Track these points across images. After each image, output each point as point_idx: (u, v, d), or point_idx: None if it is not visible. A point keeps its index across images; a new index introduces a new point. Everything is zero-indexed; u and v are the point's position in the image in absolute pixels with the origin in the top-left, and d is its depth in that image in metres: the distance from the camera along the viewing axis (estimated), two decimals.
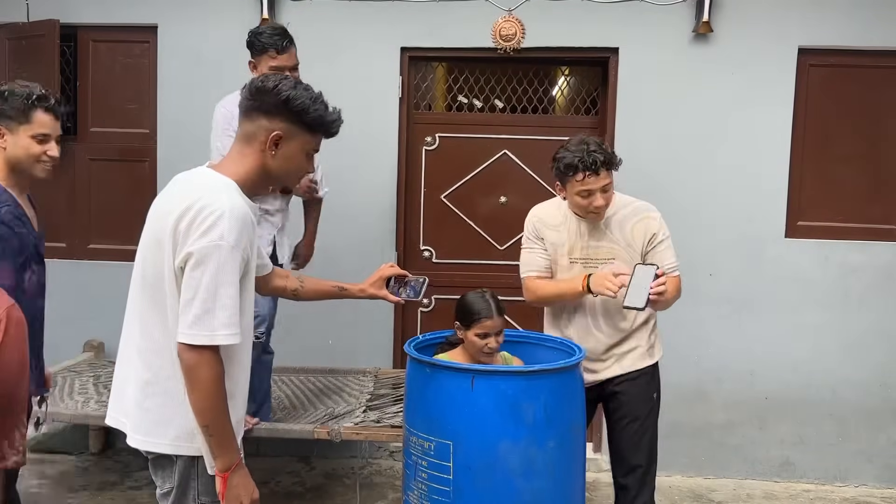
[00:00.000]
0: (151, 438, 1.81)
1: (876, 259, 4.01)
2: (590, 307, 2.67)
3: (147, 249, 1.79)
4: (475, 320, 2.48)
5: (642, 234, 2.63)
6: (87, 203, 4.37)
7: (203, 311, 1.64)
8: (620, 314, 2.65)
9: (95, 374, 3.86)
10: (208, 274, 1.65)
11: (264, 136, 1.78)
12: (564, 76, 4.45)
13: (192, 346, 1.65)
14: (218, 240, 1.65)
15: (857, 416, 4.06)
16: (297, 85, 1.79)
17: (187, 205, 1.69)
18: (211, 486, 1.82)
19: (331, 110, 1.83)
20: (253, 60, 3.11)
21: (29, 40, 4.21)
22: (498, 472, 2.21)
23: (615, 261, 2.62)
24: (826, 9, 3.94)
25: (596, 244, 2.65)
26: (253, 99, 1.79)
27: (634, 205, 2.70)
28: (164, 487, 1.86)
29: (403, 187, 4.21)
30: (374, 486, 3.93)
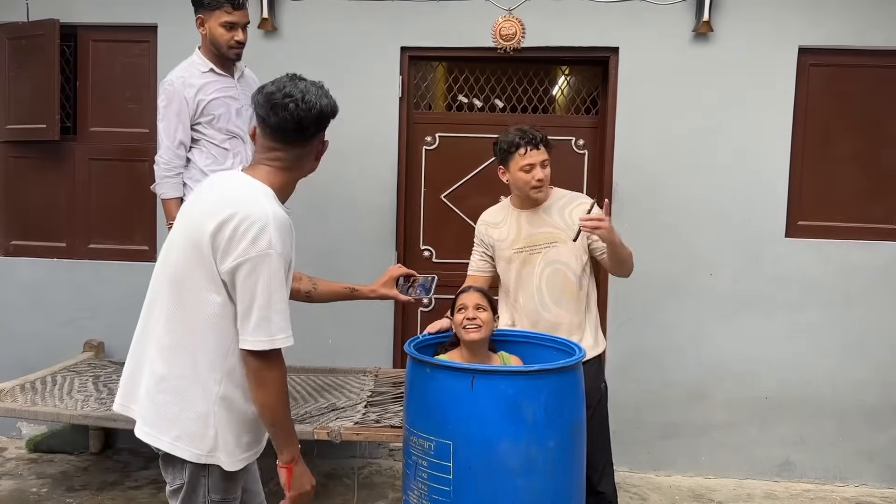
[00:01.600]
0: (154, 433, 1.83)
1: (876, 259, 4.01)
2: (537, 294, 2.79)
3: (180, 251, 1.82)
4: (455, 300, 2.58)
5: (581, 214, 2.67)
6: (86, 203, 4.37)
7: (261, 317, 1.72)
8: (567, 295, 2.77)
9: (95, 374, 3.85)
10: (262, 282, 1.72)
11: (315, 151, 1.90)
12: (565, 76, 4.45)
13: (256, 351, 1.74)
14: (267, 248, 1.71)
15: (857, 416, 4.05)
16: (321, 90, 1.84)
17: (230, 212, 1.73)
18: (220, 485, 1.84)
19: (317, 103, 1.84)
20: (201, 16, 3.01)
21: (29, 40, 4.21)
22: (498, 472, 2.21)
23: (556, 244, 2.77)
24: (826, 8, 3.94)
25: (536, 231, 2.81)
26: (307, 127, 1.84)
27: (570, 194, 2.91)
28: (174, 484, 1.87)
29: (403, 187, 4.20)
30: (374, 485, 3.93)
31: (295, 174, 1.90)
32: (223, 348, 1.79)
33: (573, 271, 2.78)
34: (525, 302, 2.81)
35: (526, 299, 2.81)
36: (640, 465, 4.16)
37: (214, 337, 1.78)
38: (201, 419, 1.80)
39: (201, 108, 3.07)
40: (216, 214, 1.74)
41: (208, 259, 1.74)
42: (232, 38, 3.02)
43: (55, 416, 3.32)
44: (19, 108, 4.29)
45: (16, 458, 4.18)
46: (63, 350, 4.18)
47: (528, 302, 2.80)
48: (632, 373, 4.08)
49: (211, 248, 1.74)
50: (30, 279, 4.35)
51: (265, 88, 1.82)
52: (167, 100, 3.09)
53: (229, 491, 1.88)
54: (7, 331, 4.35)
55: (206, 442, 1.80)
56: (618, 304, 4.10)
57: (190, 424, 1.79)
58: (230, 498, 1.88)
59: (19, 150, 4.39)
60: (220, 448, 1.81)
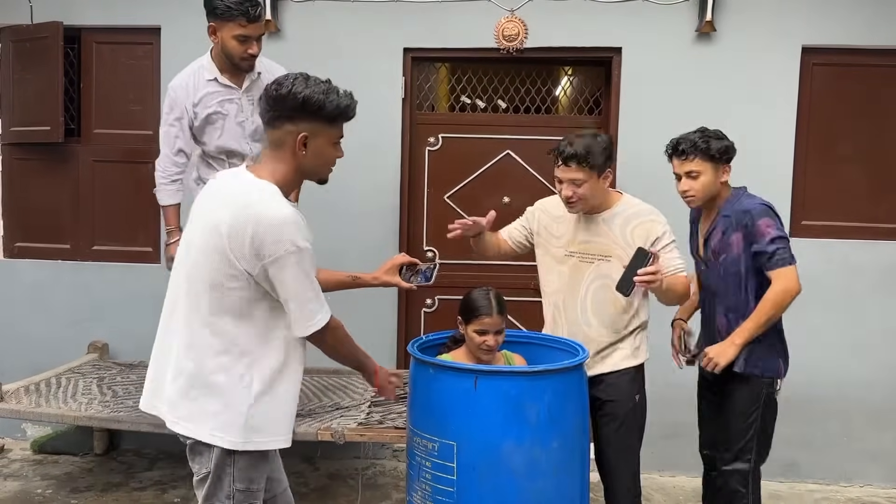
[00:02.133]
0: (192, 426, 1.91)
1: (881, 258, 4.00)
2: (581, 305, 2.68)
3: (199, 252, 1.90)
4: (475, 316, 2.51)
5: (644, 237, 2.61)
6: (90, 205, 4.38)
7: (299, 310, 1.90)
8: (611, 313, 2.66)
9: (99, 376, 3.86)
10: (290, 277, 1.85)
11: (292, 140, 1.88)
12: (567, 76, 4.45)
13: (307, 336, 1.95)
14: (290, 246, 1.83)
15: (862, 416, 4.04)
16: (307, 82, 1.88)
17: (244, 217, 1.82)
18: (245, 474, 1.92)
19: (342, 95, 1.93)
20: (213, 24, 2.88)
21: (33, 42, 4.23)
22: (501, 473, 2.21)
23: (611, 258, 2.63)
24: (829, 8, 3.93)
25: (592, 239, 2.66)
26: (273, 108, 1.88)
27: (639, 207, 2.72)
28: (201, 473, 1.94)
29: (407, 188, 4.21)
30: (377, 486, 3.93)
31: (287, 164, 1.92)
32: (252, 338, 1.89)
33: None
34: (567, 311, 2.71)
35: (568, 308, 2.70)
36: (644, 466, 4.09)
37: (242, 330, 1.88)
38: (238, 410, 1.88)
39: (199, 119, 3.05)
40: (230, 218, 1.83)
41: (228, 258, 1.83)
42: (245, 50, 2.90)
43: (60, 417, 3.33)
44: (23, 110, 4.31)
45: (21, 460, 4.19)
46: (67, 351, 4.19)
47: (570, 312, 2.70)
48: None
49: (230, 249, 1.83)
50: (34, 281, 4.36)
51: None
52: (169, 107, 3.07)
53: (254, 481, 1.94)
54: (12, 332, 4.36)
55: (244, 431, 1.88)
56: None
57: (227, 416, 1.88)
58: (254, 488, 1.95)
59: (23, 152, 4.40)
60: (256, 432, 1.90)
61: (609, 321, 2.67)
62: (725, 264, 2.73)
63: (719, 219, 2.76)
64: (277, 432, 1.96)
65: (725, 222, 2.73)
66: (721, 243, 2.73)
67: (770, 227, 2.65)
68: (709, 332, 2.88)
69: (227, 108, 3.07)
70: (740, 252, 2.70)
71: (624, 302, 2.63)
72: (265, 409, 1.91)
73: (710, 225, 2.80)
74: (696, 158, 2.70)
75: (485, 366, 2.43)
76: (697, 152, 2.69)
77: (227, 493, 1.90)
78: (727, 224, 2.72)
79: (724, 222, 2.74)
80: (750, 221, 2.66)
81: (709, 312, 2.87)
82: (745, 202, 2.73)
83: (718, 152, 2.71)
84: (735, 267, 2.72)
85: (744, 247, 2.69)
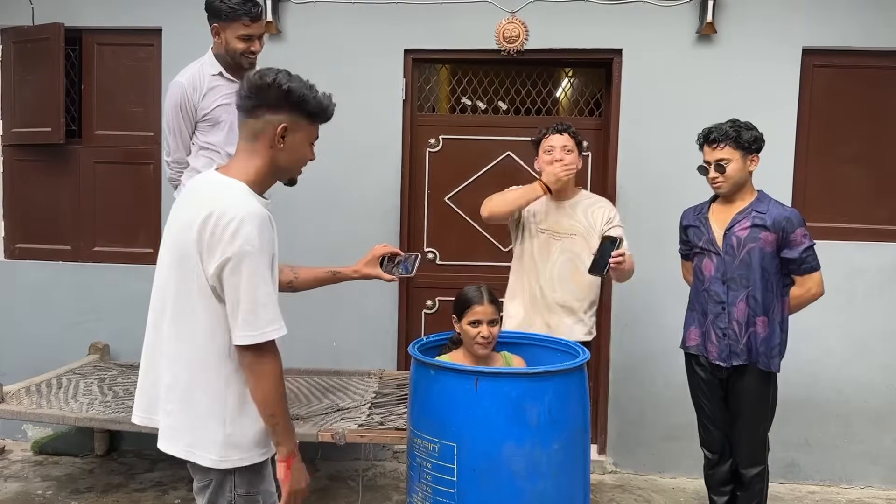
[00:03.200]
0: (168, 443, 1.87)
1: (881, 260, 4.00)
2: (549, 273, 3.11)
3: (172, 261, 1.85)
4: (467, 307, 2.56)
5: (601, 217, 3.13)
6: (91, 206, 4.38)
7: (247, 313, 1.74)
8: (574, 284, 3.09)
9: (100, 377, 3.86)
10: (244, 279, 1.73)
11: (271, 131, 1.83)
12: (568, 78, 4.45)
13: (247, 346, 1.76)
14: (244, 245, 1.72)
15: (862, 418, 4.04)
16: (291, 76, 1.83)
17: (206, 214, 1.75)
18: (246, 479, 1.88)
19: (324, 96, 1.89)
20: (217, 26, 2.95)
21: (34, 44, 4.23)
22: (502, 474, 2.21)
23: (575, 237, 3.11)
24: (830, 9, 3.93)
25: (561, 219, 3.14)
26: (254, 96, 1.82)
27: (596, 198, 3.27)
28: (203, 481, 1.91)
29: (407, 189, 4.21)
30: (378, 487, 3.93)
31: (262, 157, 1.85)
32: (223, 352, 1.81)
33: (585, 263, 2.97)
34: (540, 278, 3.12)
35: (541, 276, 3.13)
36: (645, 467, 4.16)
37: (213, 343, 1.80)
38: (211, 425, 1.82)
39: (204, 113, 3.06)
40: (195, 220, 1.76)
41: (197, 268, 1.77)
42: (248, 48, 2.99)
43: (60, 418, 3.34)
44: (24, 111, 4.31)
45: (21, 461, 4.19)
46: (68, 352, 4.19)
47: (542, 279, 3.12)
48: (636, 374, 4.08)
49: (198, 255, 1.77)
50: (35, 282, 4.36)
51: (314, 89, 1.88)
52: (177, 99, 3.07)
53: (254, 484, 1.91)
54: (12, 333, 4.36)
55: (217, 447, 1.82)
56: (622, 306, 4.09)
57: (200, 431, 1.82)
58: (253, 492, 1.91)
59: (24, 154, 4.40)
60: (235, 448, 1.83)
61: (575, 288, 3.11)
62: (752, 255, 2.86)
63: (749, 212, 2.90)
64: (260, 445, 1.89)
65: (757, 218, 2.88)
66: (749, 235, 2.87)
67: (805, 238, 2.86)
68: (718, 316, 2.93)
69: (233, 102, 3.10)
70: (771, 251, 2.85)
71: (586, 276, 2.97)
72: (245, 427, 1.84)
73: (736, 215, 2.92)
74: (727, 147, 2.88)
75: (485, 367, 2.43)
76: (728, 140, 2.88)
77: (228, 500, 1.88)
78: (759, 220, 2.87)
79: (754, 217, 2.88)
80: (790, 228, 2.84)
81: (723, 299, 2.91)
82: (781, 208, 2.90)
83: (748, 142, 2.88)
84: (765, 262, 2.86)
85: (774, 249, 2.86)
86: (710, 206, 3.07)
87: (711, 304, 2.94)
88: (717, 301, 2.92)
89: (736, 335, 2.88)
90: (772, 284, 2.87)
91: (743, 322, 2.87)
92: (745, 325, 2.87)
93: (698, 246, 3.01)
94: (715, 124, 2.95)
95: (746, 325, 2.87)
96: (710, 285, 2.94)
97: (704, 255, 2.98)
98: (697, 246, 3.02)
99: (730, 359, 2.90)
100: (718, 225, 2.97)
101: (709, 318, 2.95)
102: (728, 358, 2.91)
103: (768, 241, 2.85)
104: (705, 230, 3.00)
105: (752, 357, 2.89)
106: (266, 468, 1.97)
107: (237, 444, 1.84)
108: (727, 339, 2.90)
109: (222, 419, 1.82)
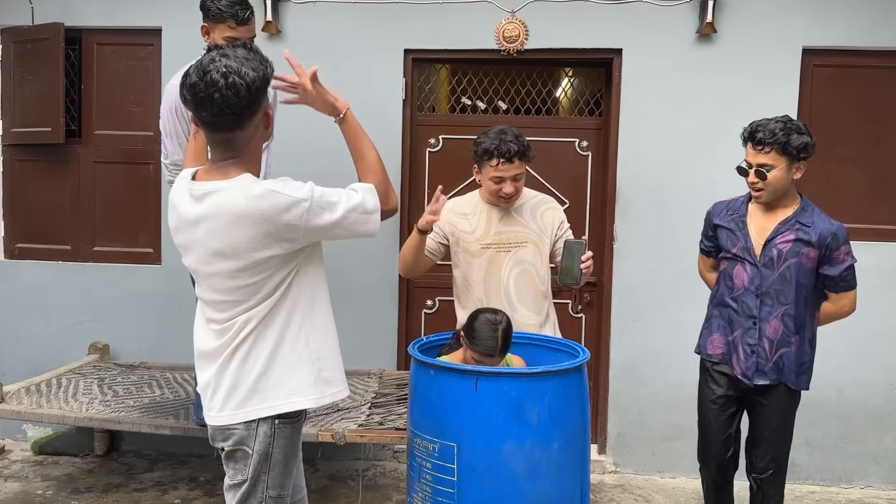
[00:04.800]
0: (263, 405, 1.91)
1: (881, 260, 4.00)
2: (504, 292, 2.81)
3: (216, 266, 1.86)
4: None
5: (551, 221, 2.86)
6: (91, 205, 4.38)
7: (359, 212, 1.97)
8: (533, 296, 2.82)
9: (100, 377, 3.86)
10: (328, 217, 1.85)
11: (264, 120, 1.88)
12: (568, 77, 4.45)
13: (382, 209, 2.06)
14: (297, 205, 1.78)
15: (862, 418, 4.04)
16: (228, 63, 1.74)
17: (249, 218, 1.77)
18: (279, 481, 1.94)
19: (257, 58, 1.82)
20: (206, 25, 2.96)
21: (34, 44, 4.23)
22: (502, 474, 2.21)
23: (527, 244, 2.81)
24: (830, 9, 3.93)
25: (507, 229, 2.83)
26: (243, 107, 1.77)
27: (540, 196, 2.95)
28: (235, 479, 1.94)
29: (407, 189, 4.21)
30: (378, 487, 3.93)
31: (257, 147, 1.91)
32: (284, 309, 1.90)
33: (538, 273, 2.81)
34: (491, 301, 2.79)
35: (492, 298, 2.80)
36: (645, 467, 4.16)
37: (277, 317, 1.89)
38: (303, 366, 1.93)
39: None
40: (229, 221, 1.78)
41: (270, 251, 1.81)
42: None
43: (60, 418, 3.34)
44: (24, 111, 4.31)
45: (21, 461, 4.19)
46: (68, 352, 4.20)
47: (494, 301, 2.79)
48: (636, 374, 4.08)
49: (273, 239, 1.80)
50: (35, 282, 4.36)
51: (188, 79, 1.75)
52: (172, 101, 3.07)
53: (285, 487, 1.97)
54: (12, 333, 4.36)
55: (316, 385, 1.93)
56: (622, 306, 4.09)
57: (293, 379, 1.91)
58: (284, 494, 1.97)
59: (24, 154, 4.40)
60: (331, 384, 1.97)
61: (532, 303, 2.83)
62: (791, 271, 2.67)
63: (793, 223, 2.69)
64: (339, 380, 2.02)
65: (801, 231, 2.67)
66: (791, 249, 2.66)
67: (848, 256, 2.68)
68: (747, 331, 2.74)
69: None
70: (813, 267, 2.69)
71: (540, 283, 2.82)
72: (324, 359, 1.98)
73: (779, 226, 2.70)
74: (773, 152, 2.60)
75: (485, 367, 2.43)
76: (775, 145, 2.59)
77: (259, 500, 1.91)
78: (804, 235, 2.66)
79: (799, 230, 2.68)
80: (835, 246, 2.65)
81: (755, 314, 2.72)
82: (827, 222, 2.68)
83: (797, 148, 2.59)
84: (804, 278, 2.68)
85: (814, 266, 2.68)
86: (747, 208, 2.81)
87: (742, 317, 2.74)
88: (748, 315, 2.72)
89: (766, 353, 2.69)
90: (807, 301, 2.71)
91: (775, 340, 2.68)
92: (776, 344, 2.68)
93: (731, 252, 2.77)
94: (763, 120, 2.65)
95: (779, 344, 2.68)
96: (742, 296, 2.74)
97: (738, 262, 2.75)
98: (730, 252, 2.78)
99: (755, 377, 2.71)
100: (758, 232, 2.72)
101: (737, 332, 2.75)
102: (754, 376, 2.71)
103: (810, 257, 2.65)
104: (741, 236, 2.75)
105: (781, 377, 2.71)
106: (296, 463, 2.04)
107: (330, 379, 1.96)
108: (755, 357, 2.71)
109: (310, 361, 1.93)
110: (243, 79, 1.72)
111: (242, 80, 1.72)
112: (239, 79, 1.71)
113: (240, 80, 1.71)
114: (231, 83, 1.71)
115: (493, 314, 2.50)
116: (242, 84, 1.72)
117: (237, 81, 1.71)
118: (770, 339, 2.69)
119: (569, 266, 2.59)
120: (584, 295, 4.21)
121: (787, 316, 2.68)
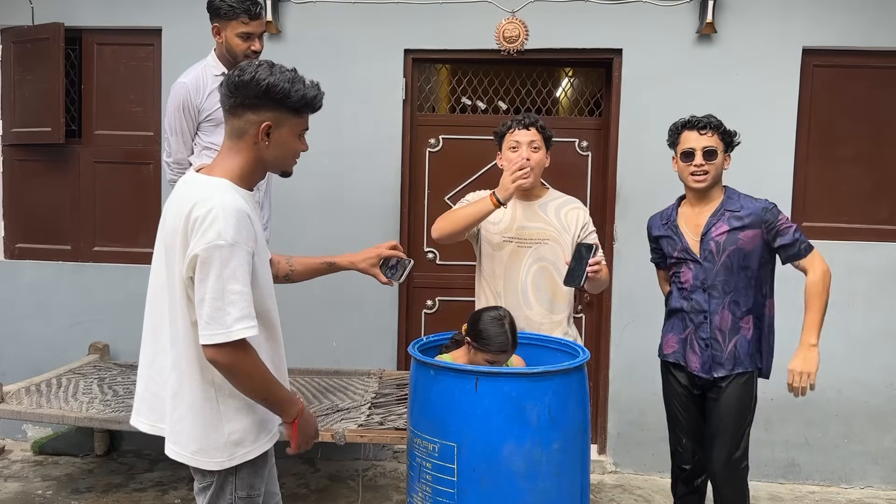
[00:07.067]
0: (176, 448, 1.86)
1: (881, 260, 4.00)
2: (522, 287, 2.79)
3: (159, 264, 1.87)
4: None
5: (575, 221, 2.83)
6: (91, 206, 4.38)
7: (214, 309, 1.67)
8: (550, 295, 2.79)
9: (100, 376, 3.86)
10: (213, 274, 1.68)
11: (254, 130, 1.80)
12: (568, 77, 4.45)
13: (213, 345, 1.68)
14: (216, 239, 1.68)
15: (862, 418, 4.04)
16: (272, 69, 1.79)
17: (185, 214, 1.73)
18: (247, 482, 1.88)
19: (309, 85, 1.83)
20: (217, 25, 2.98)
21: (34, 44, 4.23)
22: (502, 474, 2.21)
23: (548, 241, 2.79)
24: (830, 9, 3.93)
25: (530, 225, 2.81)
26: (234, 95, 1.79)
27: (567, 197, 2.92)
28: (203, 482, 1.90)
29: (407, 189, 4.21)
30: (378, 487, 3.93)
31: (247, 154, 1.82)
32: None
33: (559, 271, 2.77)
34: (508, 295, 2.80)
35: (509, 293, 2.80)
36: (645, 467, 4.15)
37: (197, 345, 1.76)
38: (211, 430, 1.81)
39: (207, 114, 3.07)
40: (176, 222, 1.76)
41: (179, 265, 1.76)
42: (248, 47, 3.00)
43: (60, 418, 3.33)
44: (24, 111, 4.31)
45: (21, 461, 4.19)
46: (68, 352, 4.20)
47: (510, 296, 2.79)
48: (636, 374, 4.08)
49: (180, 256, 1.76)
50: (35, 282, 4.36)
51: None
52: (180, 100, 3.08)
53: (255, 487, 1.92)
54: (12, 333, 4.36)
55: (221, 450, 1.82)
56: (622, 306, 4.09)
57: (203, 438, 1.82)
58: (255, 494, 1.92)
59: (24, 154, 4.40)
60: (237, 445, 1.84)
61: (548, 302, 2.81)
62: (733, 259, 2.73)
63: (721, 213, 2.77)
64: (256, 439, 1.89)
65: (732, 218, 2.75)
66: (728, 239, 2.73)
67: (788, 221, 2.76)
68: (700, 326, 2.80)
69: None
70: (755, 248, 2.74)
71: (561, 288, 2.77)
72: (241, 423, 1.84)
73: (710, 219, 2.78)
74: (715, 136, 2.76)
75: (485, 367, 2.43)
76: (717, 129, 2.77)
77: (228, 501, 1.87)
78: (735, 221, 2.74)
79: (729, 218, 2.76)
80: (772, 217, 2.74)
81: (704, 308, 2.78)
82: (753, 201, 2.79)
83: (729, 135, 2.80)
84: (747, 262, 2.74)
85: (760, 244, 2.74)
86: (677, 212, 2.90)
87: (693, 313, 2.80)
88: (698, 310, 2.79)
89: (720, 345, 2.75)
90: (756, 284, 2.76)
91: (727, 330, 2.74)
92: (728, 334, 2.74)
93: (674, 256, 2.85)
94: (690, 115, 2.85)
95: (731, 332, 2.74)
96: (691, 294, 2.80)
97: (682, 263, 2.83)
98: (673, 256, 2.86)
99: (712, 370, 2.76)
100: (692, 231, 2.81)
101: (689, 329, 2.82)
102: (710, 370, 2.77)
103: (749, 239, 2.72)
104: (678, 238, 2.84)
105: (738, 365, 2.75)
106: (266, 468, 1.97)
107: (239, 441, 1.84)
108: (710, 350, 2.76)
109: (220, 421, 1.81)
110: (265, 78, 1.76)
111: (264, 78, 1.76)
112: (259, 74, 1.76)
113: (260, 76, 1.76)
114: (252, 75, 1.76)
115: (494, 311, 2.50)
116: (260, 79, 1.75)
117: (259, 76, 1.76)
118: (722, 331, 2.76)
119: (574, 268, 2.58)
120: (585, 295, 4.20)
121: (733, 303, 2.76)
